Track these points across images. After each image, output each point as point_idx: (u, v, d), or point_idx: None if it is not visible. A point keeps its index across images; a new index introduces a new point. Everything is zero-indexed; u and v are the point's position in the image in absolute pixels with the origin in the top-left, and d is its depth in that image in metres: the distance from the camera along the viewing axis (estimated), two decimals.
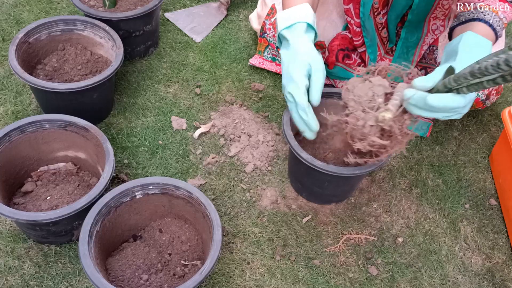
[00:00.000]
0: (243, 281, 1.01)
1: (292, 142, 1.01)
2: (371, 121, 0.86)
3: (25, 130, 1.02)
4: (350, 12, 1.22)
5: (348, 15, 1.23)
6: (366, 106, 0.87)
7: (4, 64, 1.33)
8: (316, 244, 1.09)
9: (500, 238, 1.16)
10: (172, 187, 0.96)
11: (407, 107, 0.85)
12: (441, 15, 1.19)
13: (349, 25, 1.24)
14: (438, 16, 1.19)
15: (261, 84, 1.38)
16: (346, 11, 1.22)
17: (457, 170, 1.27)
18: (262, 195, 1.16)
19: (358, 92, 0.89)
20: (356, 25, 1.23)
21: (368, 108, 0.87)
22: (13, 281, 0.96)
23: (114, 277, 0.93)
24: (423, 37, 1.23)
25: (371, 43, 1.24)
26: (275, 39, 1.34)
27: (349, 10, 1.21)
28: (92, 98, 1.16)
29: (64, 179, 1.08)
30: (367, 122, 0.87)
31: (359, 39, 1.25)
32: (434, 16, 1.19)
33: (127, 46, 1.34)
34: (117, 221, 0.96)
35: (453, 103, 0.79)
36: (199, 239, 1.01)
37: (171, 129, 1.26)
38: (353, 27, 1.23)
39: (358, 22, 1.22)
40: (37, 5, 1.50)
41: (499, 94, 1.27)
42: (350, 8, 1.21)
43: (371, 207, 1.17)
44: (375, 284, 1.04)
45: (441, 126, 1.36)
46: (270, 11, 1.34)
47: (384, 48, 1.29)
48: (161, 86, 1.35)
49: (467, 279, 1.08)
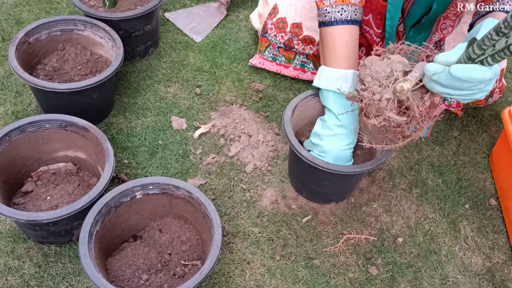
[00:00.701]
0: (243, 281, 1.01)
1: (292, 140, 1.01)
2: (387, 94, 0.81)
3: (25, 130, 1.02)
4: (370, 23, 1.21)
5: (367, 26, 1.21)
6: (384, 81, 0.82)
7: (4, 64, 1.33)
8: (316, 244, 1.09)
9: (500, 238, 1.16)
10: (172, 187, 0.96)
11: (428, 85, 0.78)
12: (452, 15, 1.18)
13: (367, 34, 1.23)
14: (449, 16, 1.18)
15: (261, 84, 1.38)
16: (365, 22, 1.21)
17: (457, 170, 1.27)
18: (262, 195, 1.16)
19: (375, 68, 0.83)
20: (376, 35, 1.22)
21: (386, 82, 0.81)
22: (13, 281, 0.96)
23: (114, 277, 0.93)
24: (430, 35, 1.22)
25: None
26: (277, 39, 1.34)
27: (368, 21, 1.20)
28: (92, 98, 1.16)
29: (64, 179, 1.08)
30: (383, 95, 0.81)
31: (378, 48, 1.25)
32: (445, 15, 1.18)
33: (127, 46, 1.34)
34: (117, 221, 0.96)
35: (479, 74, 0.72)
36: (199, 239, 1.01)
37: (171, 129, 1.26)
38: (372, 37, 1.23)
39: (378, 33, 1.21)
40: (37, 5, 1.50)
41: (501, 92, 1.27)
42: (369, 19, 1.20)
43: (371, 207, 1.17)
44: (375, 284, 1.04)
45: (441, 126, 1.36)
46: (272, 10, 1.34)
47: None
48: (161, 86, 1.35)
49: (467, 279, 1.08)
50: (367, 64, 0.85)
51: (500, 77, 1.23)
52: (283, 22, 1.32)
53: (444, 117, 1.38)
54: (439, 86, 0.76)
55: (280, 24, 1.32)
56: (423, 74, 0.77)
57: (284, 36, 1.33)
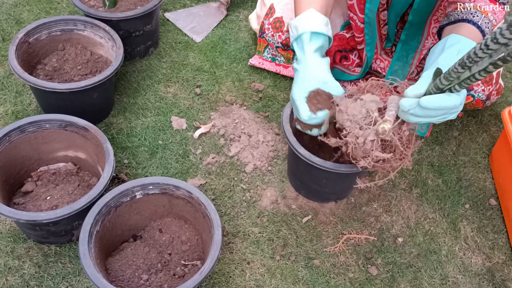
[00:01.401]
0: (243, 281, 1.01)
1: (290, 138, 1.01)
2: (371, 136, 0.86)
3: (25, 130, 1.02)
4: (353, 7, 1.21)
5: (351, 11, 1.22)
6: (363, 123, 0.87)
7: (4, 64, 1.33)
8: (316, 244, 1.09)
9: (500, 238, 1.16)
10: (172, 187, 0.96)
11: (405, 117, 0.84)
12: (442, 18, 1.18)
13: (352, 21, 1.23)
14: (439, 19, 1.19)
15: (261, 84, 1.38)
16: (349, 6, 1.21)
17: (457, 170, 1.27)
18: (262, 195, 1.16)
19: (351, 111, 0.88)
20: (360, 20, 1.22)
21: (366, 125, 0.87)
22: (13, 281, 0.96)
23: (114, 277, 0.93)
24: (423, 41, 1.23)
25: (371, 40, 1.24)
26: (275, 39, 1.35)
27: (352, 5, 1.21)
28: (92, 98, 1.16)
29: (64, 179, 1.08)
30: (367, 138, 0.86)
31: (361, 35, 1.25)
32: (436, 18, 1.19)
33: (127, 46, 1.34)
34: (117, 221, 0.96)
35: (448, 102, 0.79)
36: (199, 239, 1.01)
37: (171, 129, 1.26)
38: (356, 23, 1.23)
39: (362, 18, 1.21)
40: (37, 5, 1.50)
41: (499, 94, 1.27)
42: (353, 4, 1.20)
43: (371, 207, 1.17)
44: (375, 284, 1.04)
45: (441, 126, 1.36)
46: (269, 11, 1.34)
47: (382, 47, 1.29)
48: (161, 86, 1.35)
49: (467, 279, 1.08)
50: (342, 109, 0.90)
51: (496, 79, 1.23)
52: (280, 22, 1.32)
53: None
54: (415, 117, 0.83)
55: (277, 24, 1.32)
56: (398, 110, 0.84)
57: (282, 36, 1.33)
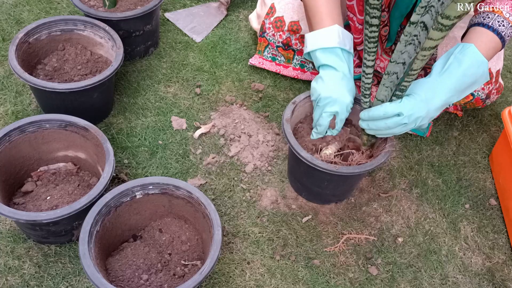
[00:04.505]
0: (243, 281, 1.01)
1: (291, 140, 1.01)
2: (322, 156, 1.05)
3: (25, 130, 1.02)
4: (353, 8, 1.21)
5: (351, 12, 1.22)
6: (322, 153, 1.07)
7: (4, 64, 1.33)
8: (316, 244, 1.09)
9: (500, 238, 1.16)
10: (172, 187, 0.96)
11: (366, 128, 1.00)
12: None
13: (351, 21, 1.23)
14: None
15: (261, 84, 1.38)
16: (349, 7, 1.21)
17: (457, 170, 1.27)
18: (262, 195, 1.16)
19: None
20: (359, 22, 1.22)
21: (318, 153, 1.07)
22: (13, 281, 0.96)
23: (114, 277, 0.93)
24: None
25: None
26: (275, 38, 1.34)
27: (352, 6, 1.20)
28: (92, 98, 1.16)
29: (64, 179, 1.08)
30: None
31: (360, 36, 1.25)
32: None
33: (127, 46, 1.34)
34: (117, 221, 0.96)
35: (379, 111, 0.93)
36: (199, 239, 1.01)
37: (171, 129, 1.26)
38: (355, 24, 1.23)
39: (360, 19, 1.21)
40: (37, 5, 1.50)
41: (499, 93, 1.27)
42: (353, 5, 1.20)
43: (371, 207, 1.17)
44: (375, 284, 1.04)
45: (441, 126, 1.36)
46: (270, 10, 1.34)
47: (382, 47, 1.29)
48: (161, 86, 1.35)
49: (467, 279, 1.08)
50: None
51: (496, 78, 1.23)
52: (280, 21, 1.32)
53: (444, 117, 1.38)
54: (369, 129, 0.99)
55: (278, 23, 1.32)
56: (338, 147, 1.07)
57: (282, 35, 1.33)
